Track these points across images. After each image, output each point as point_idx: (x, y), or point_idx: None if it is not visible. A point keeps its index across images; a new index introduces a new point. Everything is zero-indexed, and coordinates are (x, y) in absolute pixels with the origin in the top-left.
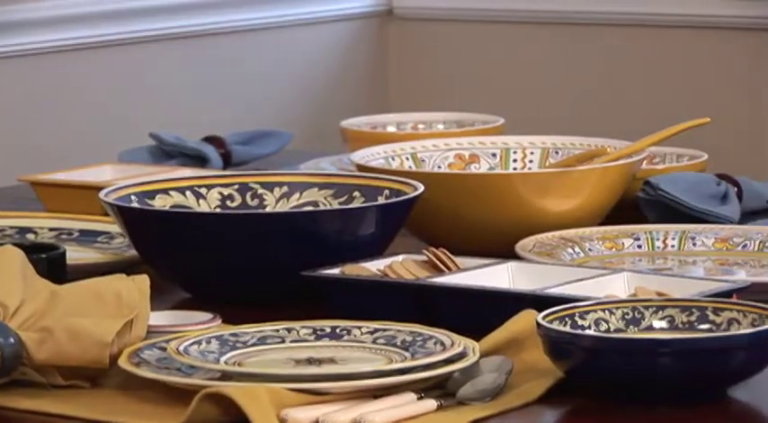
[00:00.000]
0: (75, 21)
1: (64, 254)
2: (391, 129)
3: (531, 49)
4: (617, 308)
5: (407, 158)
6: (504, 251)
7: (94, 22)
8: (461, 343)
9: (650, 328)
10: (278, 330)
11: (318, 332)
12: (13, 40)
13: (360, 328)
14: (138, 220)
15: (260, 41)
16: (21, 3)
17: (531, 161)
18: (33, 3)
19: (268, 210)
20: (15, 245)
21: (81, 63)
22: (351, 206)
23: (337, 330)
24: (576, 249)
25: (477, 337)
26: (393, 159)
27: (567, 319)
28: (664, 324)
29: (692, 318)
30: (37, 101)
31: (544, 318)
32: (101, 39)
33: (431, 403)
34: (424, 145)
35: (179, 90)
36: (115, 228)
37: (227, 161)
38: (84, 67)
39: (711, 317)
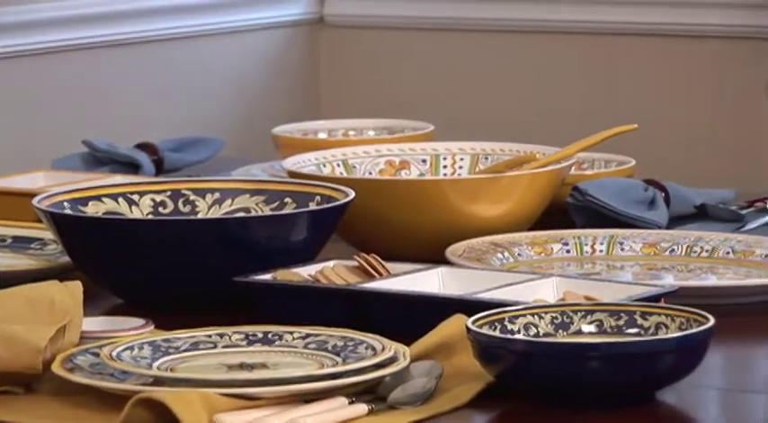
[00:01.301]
0: (7, 29)
1: None
2: (322, 135)
3: (461, 55)
4: (546, 312)
5: (338, 165)
6: (434, 256)
7: (26, 31)
8: (392, 348)
9: (579, 333)
10: (210, 336)
11: (250, 337)
12: None
13: (291, 333)
14: (70, 227)
15: (192, 49)
16: None
17: (460, 167)
18: None
19: (200, 216)
20: None
21: (13, 70)
22: (282, 212)
23: (269, 336)
24: (506, 254)
25: (407, 341)
26: (324, 166)
27: (496, 323)
28: (592, 328)
29: (621, 322)
30: None
31: (474, 322)
32: (32, 47)
33: (362, 407)
34: (354, 151)
35: (111, 97)
36: (48, 234)
37: (160, 168)
38: (16, 75)
39: (639, 321)
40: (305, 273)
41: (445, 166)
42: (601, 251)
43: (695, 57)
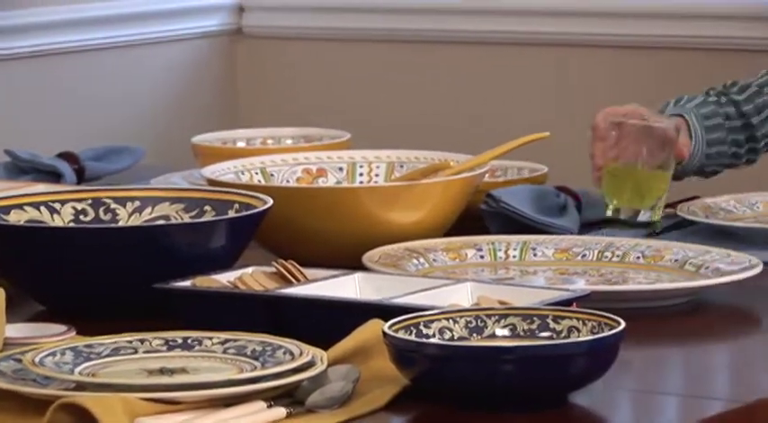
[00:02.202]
0: None
1: None
2: (241, 144)
3: (376, 65)
4: (460, 317)
5: (257, 173)
6: (351, 262)
7: None
8: (310, 352)
9: (493, 336)
10: (131, 341)
11: (170, 343)
12: None
13: (211, 338)
14: None
15: (114, 59)
16: None
17: (376, 175)
18: None
19: (121, 224)
20: None
21: None
22: (201, 220)
23: (189, 341)
24: (421, 260)
25: (325, 346)
26: (243, 174)
27: (412, 328)
28: (506, 332)
29: (534, 326)
30: None
31: (390, 327)
32: None
33: (280, 411)
34: (272, 160)
35: (33, 107)
36: None
37: (81, 177)
38: None
39: (552, 325)
40: (224, 279)
41: (361, 174)
42: (514, 257)
43: (606, 66)
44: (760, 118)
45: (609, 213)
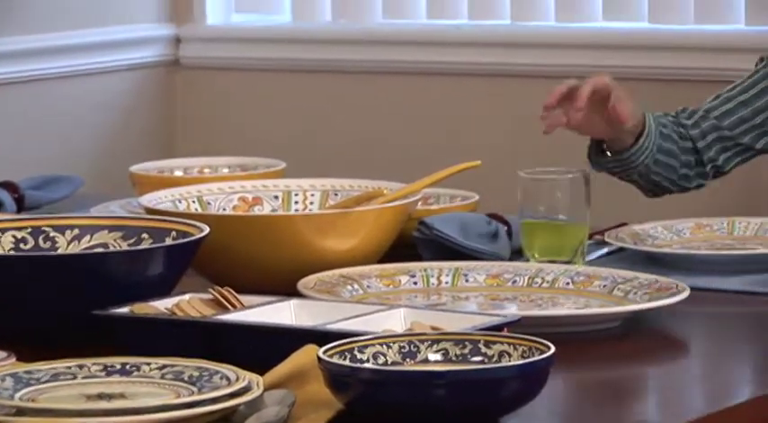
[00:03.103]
0: None
1: None
2: (178, 173)
3: (310, 95)
4: (394, 342)
5: (194, 201)
6: (287, 289)
7: None
8: (246, 377)
9: (426, 361)
10: (70, 367)
11: (109, 368)
12: None
13: (149, 364)
14: None
15: (53, 90)
16: None
17: (311, 203)
18: None
19: (60, 252)
20: None
21: None
22: (139, 248)
23: (127, 366)
24: (356, 286)
25: (261, 371)
26: (180, 202)
27: (346, 353)
28: (438, 357)
29: (466, 350)
30: None
31: (325, 352)
32: None
33: None
34: (209, 188)
35: None
36: None
37: (21, 205)
38: None
39: (484, 349)
40: (162, 306)
41: (297, 202)
42: (446, 283)
43: (537, 95)
44: (705, 142)
45: (531, 261)
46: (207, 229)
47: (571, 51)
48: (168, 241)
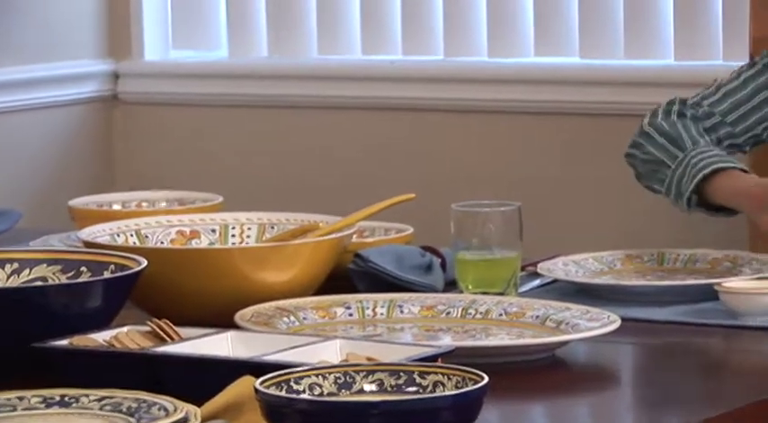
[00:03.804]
0: None
1: None
2: (117, 207)
3: (247, 130)
4: (330, 373)
5: (132, 235)
6: (224, 321)
7: None
8: (184, 408)
9: (361, 392)
10: (10, 399)
11: (48, 400)
12: None
13: (88, 395)
14: None
15: None
16: None
17: (248, 236)
18: None
19: None
20: None
21: None
22: (78, 281)
23: (66, 398)
24: (292, 318)
25: (199, 402)
26: (118, 236)
27: (283, 384)
28: (374, 387)
29: (401, 381)
30: None
31: (261, 383)
32: None
33: None
34: (147, 222)
35: None
36: None
37: None
38: None
39: (418, 380)
40: (100, 338)
41: (234, 236)
42: (382, 314)
43: (471, 129)
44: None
45: (465, 293)
46: (145, 263)
47: (503, 86)
48: (107, 274)
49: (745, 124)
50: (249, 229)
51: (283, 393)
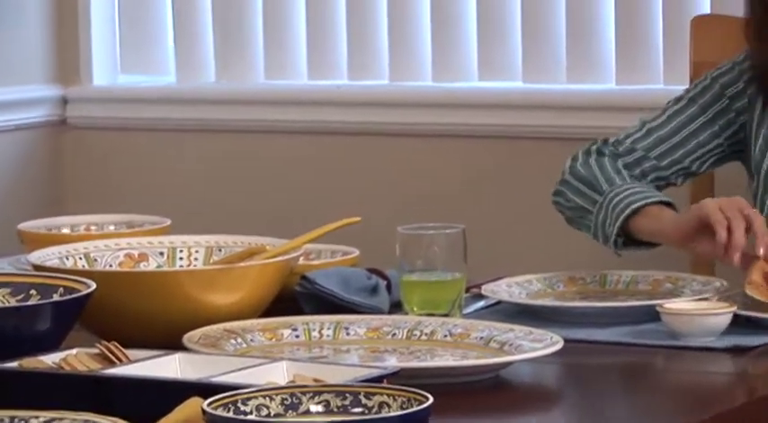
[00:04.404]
0: None
1: None
2: (66, 231)
3: (195, 154)
4: (277, 394)
5: (81, 258)
6: (172, 343)
7: None
8: None
9: (308, 413)
10: None
11: None
12: None
13: (37, 417)
14: None
15: None
16: None
17: (196, 259)
18: None
19: None
20: None
21: None
22: (27, 304)
23: (15, 420)
24: (239, 340)
25: None
26: (67, 259)
27: (230, 405)
28: (320, 408)
29: (347, 402)
30: None
31: (209, 404)
32: None
33: None
34: (96, 245)
35: None
36: None
37: None
38: None
39: (364, 401)
40: (50, 360)
41: (182, 258)
42: (328, 336)
43: (415, 153)
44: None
45: (410, 315)
46: (93, 286)
47: (447, 110)
48: (56, 297)
49: (670, 158)
50: (197, 251)
51: (231, 414)
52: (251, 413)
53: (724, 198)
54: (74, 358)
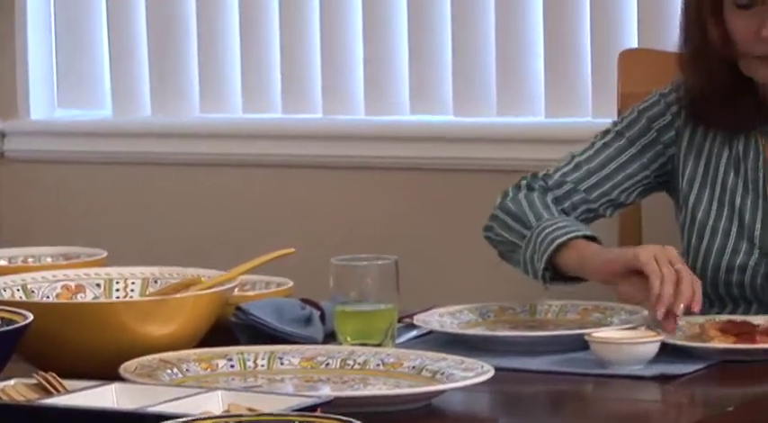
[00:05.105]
0: None
1: None
2: (3, 262)
3: (131, 187)
4: None
5: (18, 290)
6: (109, 373)
7: None
8: None
9: None
10: None
11: None
12: None
13: None
14: None
15: None
16: None
17: (132, 290)
18: None
19: None
20: None
21: None
22: None
23: None
24: (175, 370)
25: None
26: (5, 291)
27: None
28: None
29: None
30: None
31: None
32: None
33: None
34: (33, 277)
35: None
36: None
37: None
38: None
39: None
40: None
41: (118, 290)
42: (262, 366)
43: (344, 186)
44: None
45: (343, 344)
46: (31, 317)
47: (380, 143)
48: None
49: (599, 191)
50: (133, 283)
51: None
52: None
53: (658, 248)
54: (11, 389)
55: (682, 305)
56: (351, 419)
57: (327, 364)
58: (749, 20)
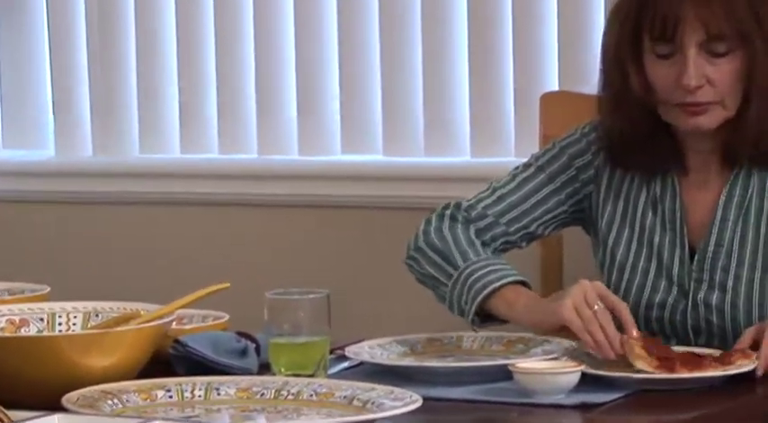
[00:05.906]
0: None
1: None
2: None
3: (73, 224)
4: None
5: None
6: (52, 404)
7: None
8: None
9: None
10: None
11: None
12: None
13: None
14: None
15: None
16: None
17: (74, 324)
18: None
19: None
20: None
21: None
22: None
23: None
24: (116, 401)
25: None
26: None
27: None
28: None
29: None
30: None
31: None
32: None
33: None
34: None
35: None
36: None
37: None
38: None
39: None
40: None
41: (61, 324)
42: (200, 396)
43: (277, 223)
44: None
45: (278, 375)
46: None
47: (312, 182)
48: None
49: (519, 224)
50: (75, 317)
51: None
52: None
53: (580, 292)
54: None
55: (634, 333)
56: None
57: (262, 395)
58: (669, 68)
